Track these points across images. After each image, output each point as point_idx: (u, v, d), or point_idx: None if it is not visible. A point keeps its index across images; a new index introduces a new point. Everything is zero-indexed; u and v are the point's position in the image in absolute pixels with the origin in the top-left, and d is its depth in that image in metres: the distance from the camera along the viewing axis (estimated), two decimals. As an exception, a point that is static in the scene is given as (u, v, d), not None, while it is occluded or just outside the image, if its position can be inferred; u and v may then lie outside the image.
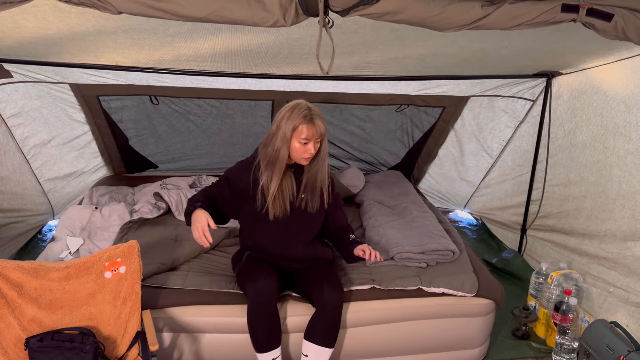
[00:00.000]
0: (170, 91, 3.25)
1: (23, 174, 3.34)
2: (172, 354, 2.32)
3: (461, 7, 1.56)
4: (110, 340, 2.04)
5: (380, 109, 3.60)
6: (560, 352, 2.52)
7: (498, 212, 3.98)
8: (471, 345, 2.55)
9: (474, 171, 4.11)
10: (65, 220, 3.02)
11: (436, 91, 3.40)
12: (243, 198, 2.30)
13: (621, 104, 2.56)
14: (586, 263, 2.83)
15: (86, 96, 3.22)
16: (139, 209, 3.16)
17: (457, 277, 2.47)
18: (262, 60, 2.53)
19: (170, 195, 3.19)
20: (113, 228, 2.96)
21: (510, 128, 3.69)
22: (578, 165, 2.96)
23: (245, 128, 3.69)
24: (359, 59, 2.51)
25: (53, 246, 2.74)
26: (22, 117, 3.17)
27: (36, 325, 1.98)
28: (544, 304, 2.76)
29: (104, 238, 2.85)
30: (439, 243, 2.68)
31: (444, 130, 3.81)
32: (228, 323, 2.30)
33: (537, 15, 1.60)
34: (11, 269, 1.94)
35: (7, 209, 3.20)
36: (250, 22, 1.53)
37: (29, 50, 2.41)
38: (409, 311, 2.40)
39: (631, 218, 2.50)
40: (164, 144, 3.77)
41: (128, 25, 1.92)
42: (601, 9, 1.62)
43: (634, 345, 2.24)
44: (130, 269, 2.05)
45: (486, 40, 2.14)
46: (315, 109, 2.15)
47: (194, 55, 2.44)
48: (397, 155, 4.10)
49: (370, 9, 1.51)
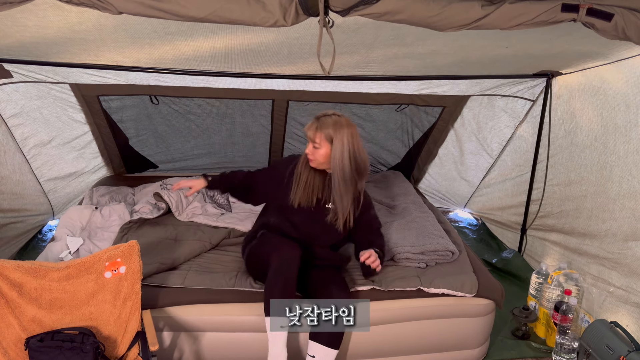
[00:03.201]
0: (170, 91, 3.24)
1: (23, 174, 3.34)
2: (172, 353, 2.32)
3: (461, 6, 1.56)
4: (110, 340, 2.04)
5: (381, 108, 3.60)
6: (560, 352, 2.52)
7: (498, 212, 3.98)
8: (471, 346, 2.55)
9: (474, 171, 4.11)
10: (65, 220, 3.02)
11: (436, 91, 3.40)
12: (277, 184, 2.43)
13: (621, 104, 2.56)
14: (586, 263, 2.83)
15: (86, 96, 3.22)
16: (139, 209, 3.16)
17: (457, 278, 2.47)
18: (262, 59, 2.53)
19: (170, 196, 3.19)
20: (113, 228, 2.96)
21: (510, 128, 3.69)
22: (578, 165, 2.96)
23: (245, 127, 3.69)
24: (360, 59, 2.51)
25: (53, 246, 2.74)
26: (22, 117, 3.16)
27: (36, 325, 1.98)
28: (544, 304, 2.76)
29: (104, 238, 2.85)
30: (439, 243, 2.68)
31: (444, 130, 3.81)
32: (228, 322, 2.30)
33: (537, 15, 1.60)
34: (11, 269, 1.94)
35: (7, 209, 3.20)
36: (250, 22, 1.53)
37: (29, 50, 2.41)
38: (409, 311, 2.40)
39: (631, 218, 2.50)
40: (164, 144, 3.76)
41: (128, 24, 1.92)
42: (601, 8, 1.62)
43: (634, 345, 2.24)
44: (130, 269, 2.05)
45: (486, 39, 2.14)
46: (334, 117, 2.24)
47: (194, 55, 2.44)
48: (397, 155, 4.10)
49: (370, 9, 1.51)
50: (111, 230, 2.93)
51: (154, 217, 3.09)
